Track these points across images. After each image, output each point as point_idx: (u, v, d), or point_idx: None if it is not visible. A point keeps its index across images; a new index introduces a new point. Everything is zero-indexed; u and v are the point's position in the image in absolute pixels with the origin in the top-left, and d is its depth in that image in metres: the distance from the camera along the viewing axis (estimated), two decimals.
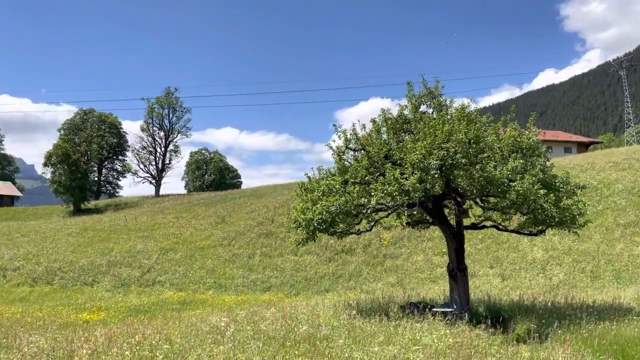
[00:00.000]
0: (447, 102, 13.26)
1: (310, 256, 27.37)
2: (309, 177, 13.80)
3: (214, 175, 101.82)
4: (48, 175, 65.21)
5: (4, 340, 10.56)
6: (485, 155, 11.65)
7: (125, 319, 16.17)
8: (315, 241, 13.47)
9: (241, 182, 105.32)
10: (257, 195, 46.80)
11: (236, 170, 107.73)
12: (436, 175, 11.18)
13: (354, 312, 12.02)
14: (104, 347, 8.94)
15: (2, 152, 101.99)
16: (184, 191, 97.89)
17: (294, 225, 13.00)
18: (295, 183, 49.19)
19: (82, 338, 10.08)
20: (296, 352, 8.15)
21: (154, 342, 9.26)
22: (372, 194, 11.60)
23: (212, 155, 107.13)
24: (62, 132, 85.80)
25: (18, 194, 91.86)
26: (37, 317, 16.41)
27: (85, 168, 64.12)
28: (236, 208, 40.81)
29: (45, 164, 64.31)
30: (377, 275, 24.77)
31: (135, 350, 8.56)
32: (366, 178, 12.19)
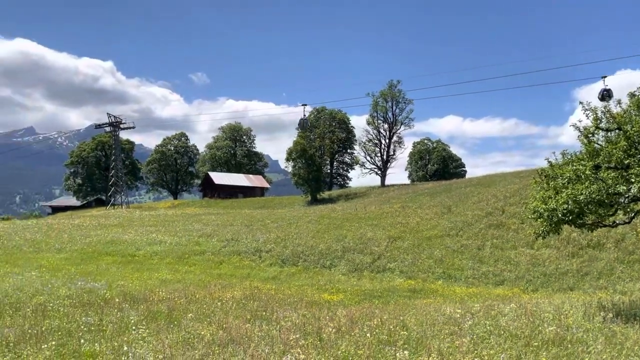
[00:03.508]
0: None
1: (548, 250, 25.01)
2: (550, 163, 12.47)
3: (436, 165, 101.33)
4: (289, 169, 73.40)
5: (264, 313, 12.09)
6: None
7: (360, 302, 17.12)
8: (559, 234, 12.17)
9: (465, 171, 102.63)
10: (484, 184, 44.80)
11: (459, 159, 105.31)
12: None
13: (610, 314, 10.48)
14: (346, 327, 9.54)
15: (254, 150, 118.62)
16: (407, 181, 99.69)
17: (533, 216, 11.93)
18: (528, 171, 45.66)
19: (327, 317, 10.93)
20: (545, 354, 7.43)
21: (391, 327, 9.51)
22: (632, 180, 9.92)
23: (434, 145, 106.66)
24: (299, 129, 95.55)
25: (267, 185, 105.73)
26: (287, 294, 18.45)
27: (319, 161, 70.26)
28: (462, 198, 39.77)
29: (287, 159, 72.59)
30: (634, 275, 21.30)
31: (374, 333, 8.91)
32: (626, 162, 10.45)
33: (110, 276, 22.47)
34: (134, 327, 9.81)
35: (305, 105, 60.08)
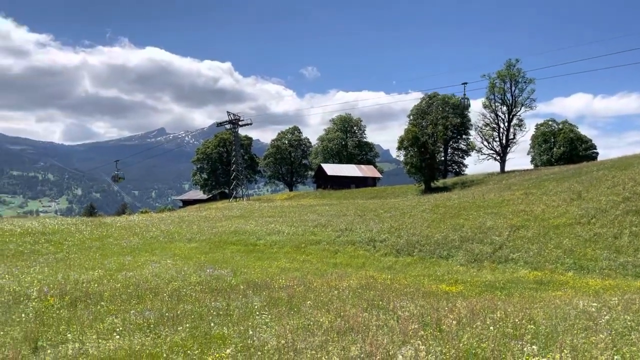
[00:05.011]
0: None
1: None
2: None
3: (563, 148, 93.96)
4: (401, 158, 72.51)
5: (381, 303, 12.06)
6: None
7: (481, 294, 16.38)
8: None
9: (597, 154, 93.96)
10: (620, 166, 40.61)
11: (590, 140, 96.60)
12: None
13: None
14: (467, 319, 9.18)
15: (365, 140, 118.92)
16: (530, 166, 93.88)
17: None
18: None
19: (446, 308, 10.61)
20: None
21: (516, 320, 8.98)
22: None
23: (560, 126, 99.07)
24: (410, 117, 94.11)
25: (378, 175, 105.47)
26: (404, 284, 18.23)
27: (432, 149, 68.49)
28: (594, 182, 36.43)
29: (398, 148, 71.79)
30: None
31: (498, 326, 8.46)
32: None
33: (235, 264, 23.85)
34: (257, 313, 10.31)
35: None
